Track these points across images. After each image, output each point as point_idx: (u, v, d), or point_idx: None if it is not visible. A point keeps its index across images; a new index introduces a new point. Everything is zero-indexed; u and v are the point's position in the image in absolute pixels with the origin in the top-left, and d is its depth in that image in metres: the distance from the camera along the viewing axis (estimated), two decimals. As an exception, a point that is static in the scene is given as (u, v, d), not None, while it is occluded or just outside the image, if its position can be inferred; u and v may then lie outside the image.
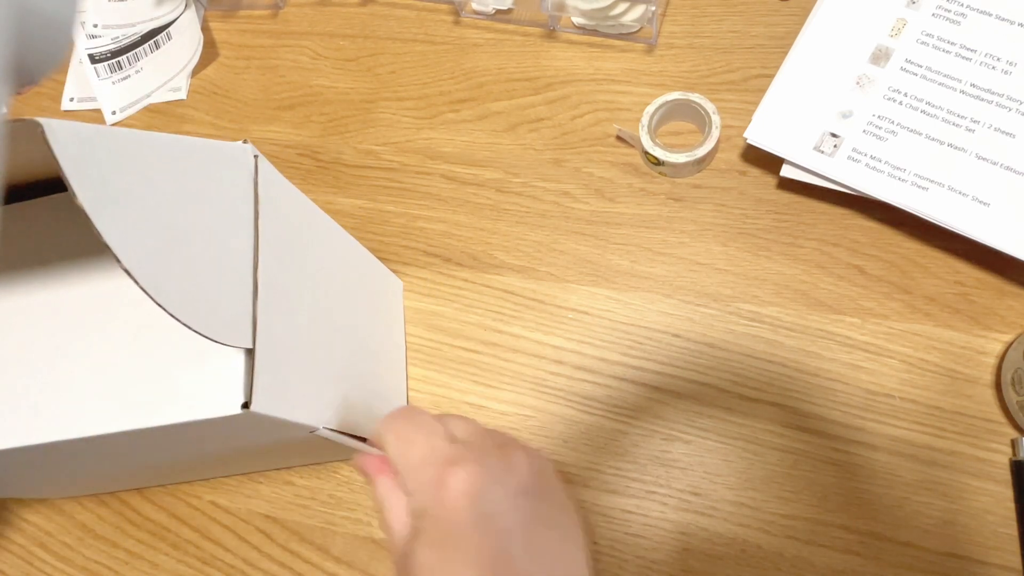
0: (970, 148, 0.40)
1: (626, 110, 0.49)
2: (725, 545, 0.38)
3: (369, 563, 0.42)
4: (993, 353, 0.39)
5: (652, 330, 0.43)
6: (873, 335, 0.41)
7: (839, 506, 0.38)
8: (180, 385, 0.28)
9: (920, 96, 0.41)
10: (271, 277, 0.29)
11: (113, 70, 0.56)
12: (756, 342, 0.42)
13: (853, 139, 0.41)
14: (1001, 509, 0.36)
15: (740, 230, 0.45)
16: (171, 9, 0.57)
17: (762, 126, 0.43)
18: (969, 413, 0.38)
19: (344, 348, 0.36)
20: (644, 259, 0.45)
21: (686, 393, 0.42)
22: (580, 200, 0.47)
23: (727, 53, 0.50)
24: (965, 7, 0.41)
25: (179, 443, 0.32)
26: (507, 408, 0.43)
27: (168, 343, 0.29)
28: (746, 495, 0.39)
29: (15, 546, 0.47)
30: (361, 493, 0.43)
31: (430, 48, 0.55)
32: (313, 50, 0.57)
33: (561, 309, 0.45)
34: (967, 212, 0.39)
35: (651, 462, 0.41)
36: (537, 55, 0.53)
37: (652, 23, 0.50)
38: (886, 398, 0.39)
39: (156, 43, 0.57)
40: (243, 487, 0.45)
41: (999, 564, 0.36)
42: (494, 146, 0.51)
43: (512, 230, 0.48)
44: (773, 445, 0.40)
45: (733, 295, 0.43)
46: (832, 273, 0.42)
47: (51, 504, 0.48)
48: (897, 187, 0.40)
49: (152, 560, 0.45)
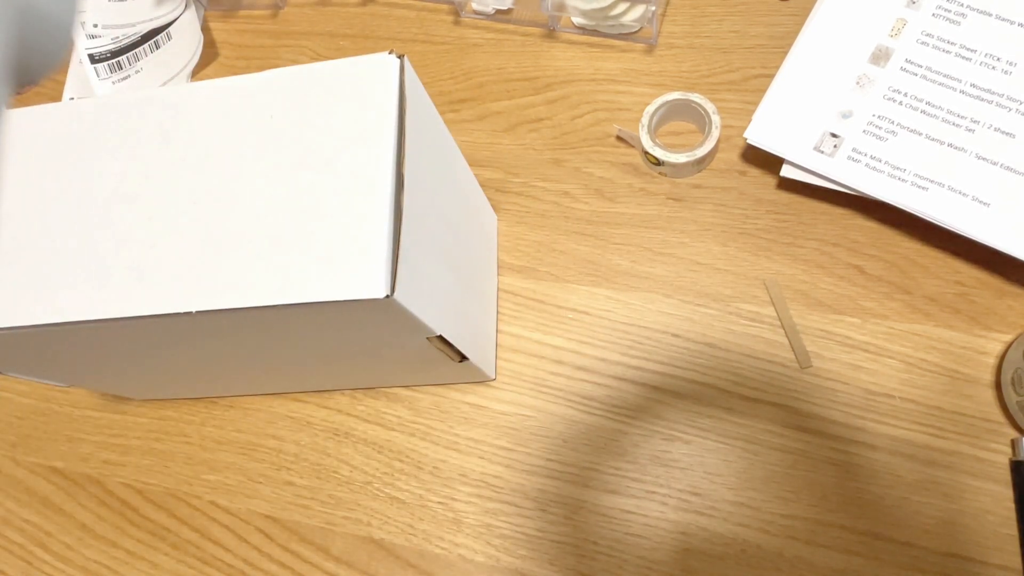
0: (970, 148, 0.40)
1: (626, 110, 0.49)
2: (725, 545, 0.38)
3: (369, 563, 0.42)
4: (993, 353, 0.39)
5: (652, 330, 0.43)
6: (873, 335, 0.41)
7: (839, 506, 0.38)
8: (313, 269, 0.28)
9: (920, 96, 0.41)
10: (414, 175, 0.30)
11: (113, 70, 0.56)
12: (756, 342, 0.42)
13: (853, 139, 0.41)
14: (1001, 509, 0.36)
15: (740, 230, 0.45)
16: (171, 9, 0.57)
17: (762, 126, 0.43)
18: (969, 413, 0.38)
19: (458, 263, 0.37)
20: (644, 259, 0.45)
21: (686, 393, 0.42)
22: (580, 200, 0.47)
23: (727, 53, 0.50)
24: (965, 7, 0.41)
25: (297, 331, 0.32)
26: (507, 408, 0.43)
27: (302, 232, 0.29)
28: (746, 495, 0.39)
29: (15, 546, 0.47)
30: (361, 493, 0.43)
31: (430, 48, 0.55)
32: (313, 50, 0.57)
33: (561, 309, 0.45)
34: (967, 212, 0.39)
35: (651, 462, 0.41)
36: (537, 55, 0.53)
37: (652, 23, 0.50)
38: (886, 398, 0.39)
39: (156, 43, 0.57)
40: (243, 487, 0.45)
41: (999, 564, 0.36)
42: (494, 146, 0.51)
43: (512, 230, 0.48)
44: (773, 445, 0.40)
45: (733, 295, 0.43)
46: (832, 273, 0.42)
47: (51, 504, 0.48)
48: (897, 187, 0.40)
49: (152, 560, 0.45)
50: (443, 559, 0.41)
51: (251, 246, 0.29)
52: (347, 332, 0.32)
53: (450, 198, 0.37)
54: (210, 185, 0.30)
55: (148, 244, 0.30)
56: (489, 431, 0.43)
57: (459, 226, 0.38)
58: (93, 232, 0.31)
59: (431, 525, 0.42)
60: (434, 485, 0.43)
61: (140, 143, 0.32)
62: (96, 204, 0.31)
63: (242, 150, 0.31)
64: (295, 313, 0.29)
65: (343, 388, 0.46)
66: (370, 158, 0.29)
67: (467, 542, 0.41)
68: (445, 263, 0.35)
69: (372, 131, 0.29)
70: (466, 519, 0.42)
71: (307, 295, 0.28)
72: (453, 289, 0.36)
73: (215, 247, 0.29)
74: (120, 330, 0.30)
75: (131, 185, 0.31)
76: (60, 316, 0.29)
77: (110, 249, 0.30)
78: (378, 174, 0.29)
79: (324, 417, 0.46)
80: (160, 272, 0.29)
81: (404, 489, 0.43)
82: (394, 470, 0.43)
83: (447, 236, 0.35)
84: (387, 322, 0.30)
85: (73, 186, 0.32)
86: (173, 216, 0.30)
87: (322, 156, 0.30)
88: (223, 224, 0.30)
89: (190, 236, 0.30)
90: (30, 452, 0.50)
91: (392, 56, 0.31)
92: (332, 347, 0.35)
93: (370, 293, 0.27)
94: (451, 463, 0.43)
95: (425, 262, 0.31)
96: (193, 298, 0.28)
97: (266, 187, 0.30)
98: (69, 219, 0.31)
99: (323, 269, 0.28)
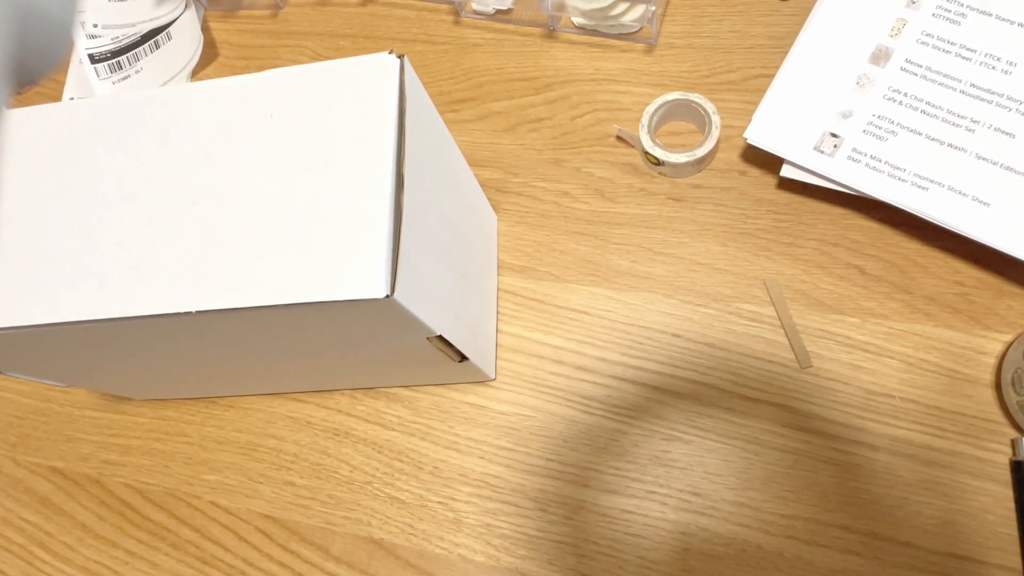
0: (970, 148, 0.40)
1: (626, 110, 0.49)
2: (725, 545, 0.38)
3: (369, 563, 0.42)
4: (993, 353, 0.39)
5: (652, 330, 0.43)
6: (873, 335, 0.41)
7: (839, 506, 0.38)
8: (313, 269, 0.28)
9: (920, 96, 0.41)
10: (414, 175, 0.30)
11: (113, 70, 0.56)
12: (756, 342, 0.42)
13: (853, 139, 0.41)
14: (1001, 509, 0.36)
15: (740, 230, 0.45)
16: (171, 9, 0.57)
17: (762, 126, 0.43)
18: (969, 413, 0.38)
19: (458, 263, 0.37)
20: (644, 259, 0.45)
21: (686, 393, 0.42)
22: (580, 200, 0.47)
23: (727, 53, 0.50)
24: (965, 7, 0.41)
25: (297, 331, 0.32)
26: (507, 408, 0.43)
27: (302, 232, 0.29)
28: (746, 495, 0.39)
29: (15, 546, 0.47)
30: (361, 493, 0.43)
31: (430, 48, 0.55)
32: (313, 50, 0.57)
33: (561, 309, 0.45)
34: (967, 212, 0.39)
35: (651, 462, 0.41)
36: (537, 55, 0.53)
37: (652, 23, 0.50)
38: (886, 398, 0.39)
39: (156, 43, 0.57)
40: (243, 487, 0.45)
41: (999, 564, 0.36)
42: (494, 146, 0.51)
43: (512, 230, 0.48)
44: (773, 445, 0.40)
45: (733, 295, 0.43)
46: (832, 273, 0.42)
47: (51, 504, 0.48)
48: (897, 187, 0.40)
49: (152, 560, 0.45)
50: (443, 559, 0.41)
51: (251, 246, 0.29)
52: (347, 332, 0.32)
53: (450, 198, 0.37)
54: (210, 185, 0.30)
55: (148, 244, 0.30)
56: (489, 431, 0.43)
57: (459, 226, 0.38)
58: (93, 232, 0.31)
59: (431, 525, 0.42)
60: (434, 485, 0.43)
61: (140, 143, 0.32)
62: (96, 204, 0.31)
63: (242, 150, 0.31)
64: (295, 313, 0.29)
65: (343, 388, 0.46)
66: (370, 158, 0.29)
67: (467, 542, 0.41)
68: (445, 263, 0.35)
69: (372, 131, 0.29)
70: (466, 519, 0.42)
71: (307, 295, 0.28)
72: (453, 289, 0.36)
73: (215, 247, 0.29)
74: (120, 330, 0.30)
75: (131, 185, 0.31)
76: (60, 316, 0.29)
77: (110, 249, 0.30)
78: (378, 174, 0.29)
79: (324, 417, 0.46)
80: (160, 272, 0.29)
81: (404, 489, 0.43)
82: (394, 470, 0.43)
83: (447, 236, 0.35)
84: (387, 322, 0.30)
85: (73, 186, 0.32)
86: (173, 216, 0.30)
87: (322, 156, 0.30)
88: (223, 224, 0.30)
89: (190, 236, 0.30)
90: (30, 452, 0.49)
91: (392, 56, 0.31)
92: (332, 347, 0.35)
93: (370, 293, 0.27)
94: (451, 463, 0.43)
95: (425, 262, 0.31)
96: (193, 298, 0.28)
97: (266, 187, 0.30)
98: (69, 219, 0.31)
99: (323, 269, 0.28)
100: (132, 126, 0.33)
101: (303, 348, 0.35)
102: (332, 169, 0.29)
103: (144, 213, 0.30)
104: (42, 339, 0.32)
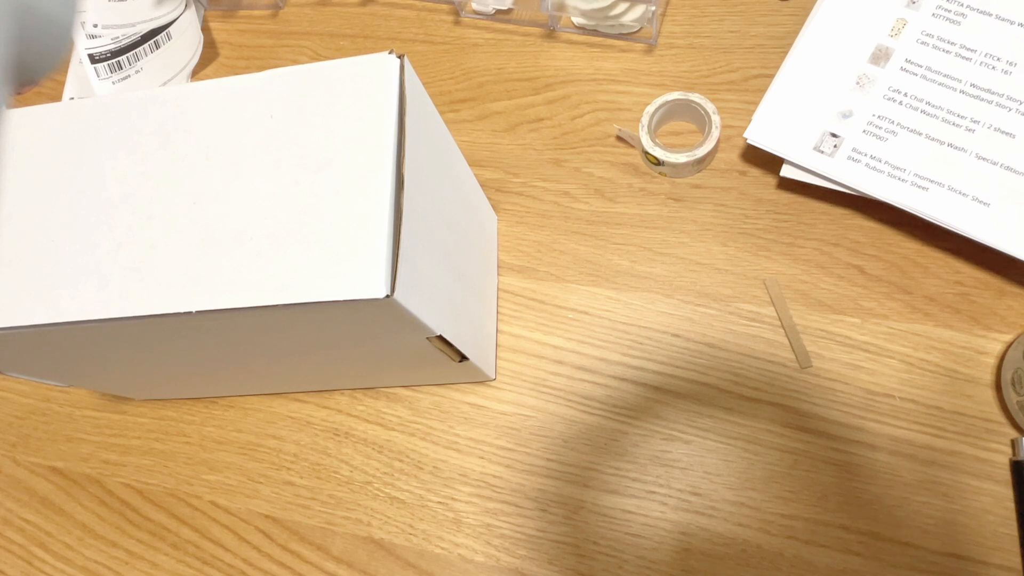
0: (970, 148, 0.40)
1: (626, 110, 0.49)
2: (725, 545, 0.38)
3: (369, 563, 0.42)
4: (993, 353, 0.39)
5: (652, 330, 0.43)
6: (873, 335, 0.41)
7: (839, 506, 0.38)
8: (313, 269, 0.28)
9: (920, 96, 0.41)
10: (414, 175, 0.30)
11: (113, 70, 0.56)
12: (756, 342, 0.42)
13: (853, 139, 0.41)
14: (1001, 509, 0.36)
15: (740, 230, 0.45)
16: (171, 9, 0.57)
17: (762, 126, 0.43)
18: (969, 413, 0.38)
19: (458, 263, 0.37)
20: (644, 259, 0.45)
21: (686, 393, 0.42)
22: (580, 200, 0.47)
23: (727, 53, 0.50)
24: (965, 7, 0.41)
25: (297, 331, 0.32)
26: (507, 408, 0.43)
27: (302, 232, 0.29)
28: (746, 495, 0.39)
29: (15, 546, 0.47)
30: (361, 493, 0.43)
31: (430, 48, 0.55)
32: (313, 50, 0.57)
33: (561, 309, 0.45)
34: (967, 212, 0.39)
35: (651, 462, 0.41)
36: (537, 55, 0.53)
37: (652, 23, 0.50)
38: (886, 398, 0.39)
39: (156, 43, 0.57)
40: (243, 487, 0.45)
41: (999, 564, 0.36)
42: (494, 146, 0.51)
43: (512, 230, 0.48)
44: (773, 445, 0.40)
45: (733, 295, 0.43)
46: (832, 273, 0.42)
47: (51, 504, 0.48)
48: (897, 187, 0.40)
49: (152, 560, 0.45)
50: (443, 559, 0.41)
51: (251, 246, 0.29)
52: (347, 332, 0.32)
53: (450, 198, 0.37)
54: (210, 185, 0.30)
55: (148, 244, 0.30)
56: (489, 431, 0.43)
57: (459, 226, 0.38)
58: (93, 232, 0.31)
59: (431, 525, 0.42)
60: (434, 485, 0.43)
61: (140, 143, 0.32)
62: (96, 204, 0.31)
63: (242, 150, 0.31)
64: (295, 313, 0.29)
65: (343, 388, 0.46)
66: (370, 158, 0.29)
67: (467, 542, 0.41)
68: (445, 263, 0.35)
69: (372, 131, 0.29)
70: (466, 519, 0.42)
71: (307, 295, 0.28)
72: (453, 289, 0.36)
73: (215, 247, 0.29)
74: (120, 330, 0.30)
75: (131, 185, 0.31)
76: (60, 316, 0.29)
77: (110, 249, 0.30)
78: (378, 174, 0.29)
79: (324, 417, 0.46)
80: (160, 272, 0.29)
81: (404, 489, 0.43)
82: (394, 470, 0.43)
83: (447, 236, 0.35)
84: (387, 322, 0.30)
85: (73, 186, 0.32)
86: (173, 216, 0.30)
87: (322, 156, 0.30)
88: (223, 224, 0.30)
89: (190, 236, 0.30)
90: (30, 452, 0.50)
91: (392, 56, 0.31)
92: (332, 347, 0.35)
93: (370, 293, 0.27)
94: (451, 463, 0.43)
95: (425, 262, 0.31)
96: (193, 298, 0.28)
97: (266, 187, 0.30)
98: (69, 219, 0.31)
99: (323, 269, 0.28)
100: (132, 126, 0.33)
101: (303, 348, 0.35)
102: (332, 169, 0.29)
103: (144, 213, 0.30)
104: (42, 339, 0.32)
